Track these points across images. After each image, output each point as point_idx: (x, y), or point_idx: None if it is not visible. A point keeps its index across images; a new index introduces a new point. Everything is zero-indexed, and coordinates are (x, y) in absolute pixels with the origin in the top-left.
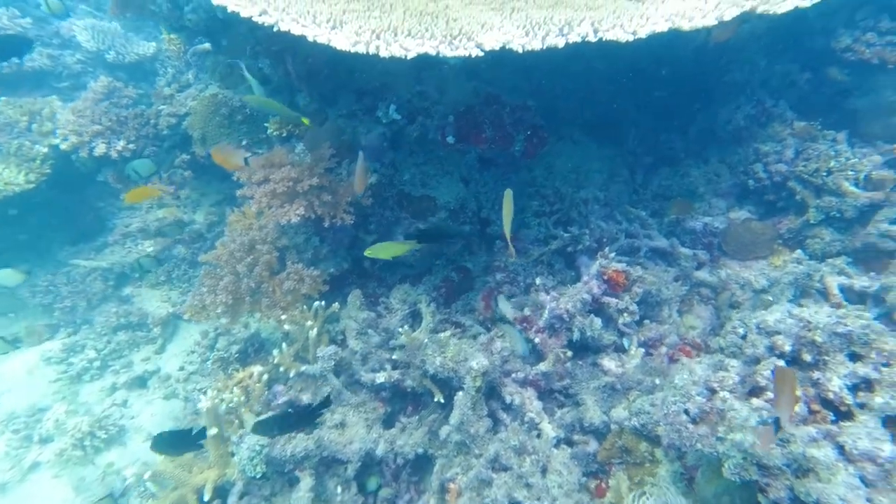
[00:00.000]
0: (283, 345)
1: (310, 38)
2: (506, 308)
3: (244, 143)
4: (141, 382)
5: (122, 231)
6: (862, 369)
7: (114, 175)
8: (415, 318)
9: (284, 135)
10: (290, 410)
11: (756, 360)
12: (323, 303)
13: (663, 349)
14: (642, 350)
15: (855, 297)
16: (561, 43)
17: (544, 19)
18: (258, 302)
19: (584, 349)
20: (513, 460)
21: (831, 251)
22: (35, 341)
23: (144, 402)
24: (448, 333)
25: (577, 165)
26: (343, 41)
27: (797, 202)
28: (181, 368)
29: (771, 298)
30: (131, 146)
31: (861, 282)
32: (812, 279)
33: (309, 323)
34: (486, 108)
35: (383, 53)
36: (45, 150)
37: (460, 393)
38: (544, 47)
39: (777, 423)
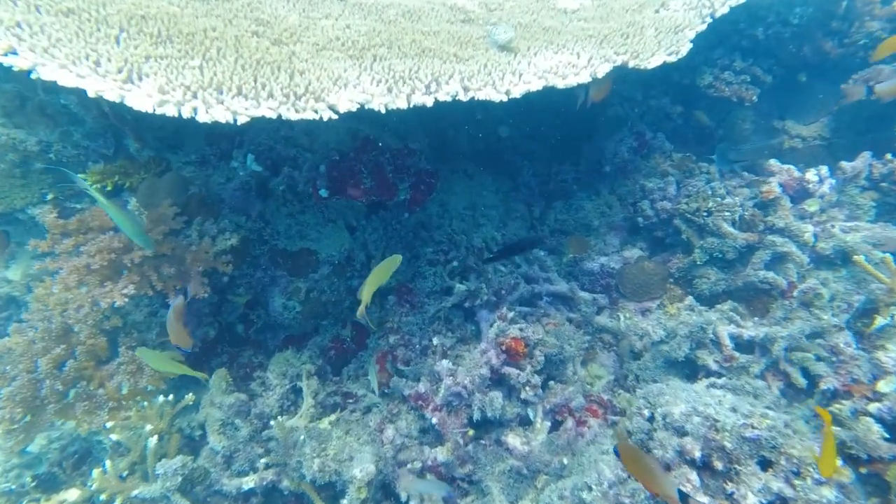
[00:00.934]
0: (107, 462)
1: (91, 93)
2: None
3: (49, 197)
4: None
5: None
6: (775, 484)
7: None
8: (298, 393)
9: (110, 188)
10: None
11: (667, 467)
12: (171, 397)
13: (570, 420)
14: (548, 423)
15: (745, 345)
16: (429, 102)
17: (409, 72)
18: (70, 407)
19: (487, 423)
20: None
21: (717, 290)
22: None
23: None
24: (330, 421)
25: (473, 202)
26: (142, 100)
27: (683, 240)
28: None
29: (668, 350)
30: None
31: (748, 331)
32: (706, 331)
33: (148, 427)
34: (363, 155)
35: (202, 118)
36: None
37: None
38: (410, 106)
39: None
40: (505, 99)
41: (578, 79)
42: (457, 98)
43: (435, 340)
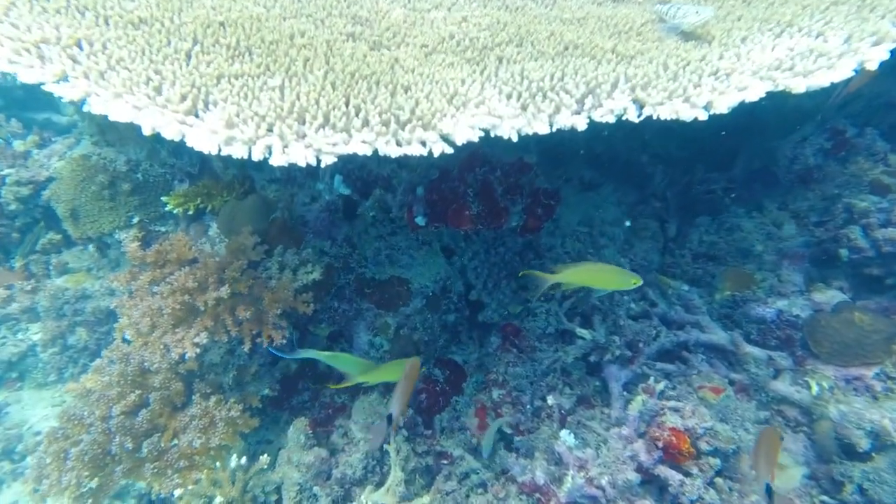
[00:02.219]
0: None
1: (147, 130)
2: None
3: (135, 220)
4: None
5: None
6: None
7: None
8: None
9: (192, 212)
10: None
11: None
12: (244, 460)
13: None
14: None
15: None
16: (582, 124)
17: (551, 81)
18: (140, 466)
19: None
20: None
21: None
22: None
23: None
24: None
25: (590, 216)
26: (204, 139)
27: None
28: None
29: None
30: None
31: None
32: None
33: (218, 500)
34: (467, 173)
35: (277, 161)
36: None
37: None
38: (554, 130)
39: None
40: (703, 117)
41: (833, 76)
42: (625, 118)
43: (550, 400)
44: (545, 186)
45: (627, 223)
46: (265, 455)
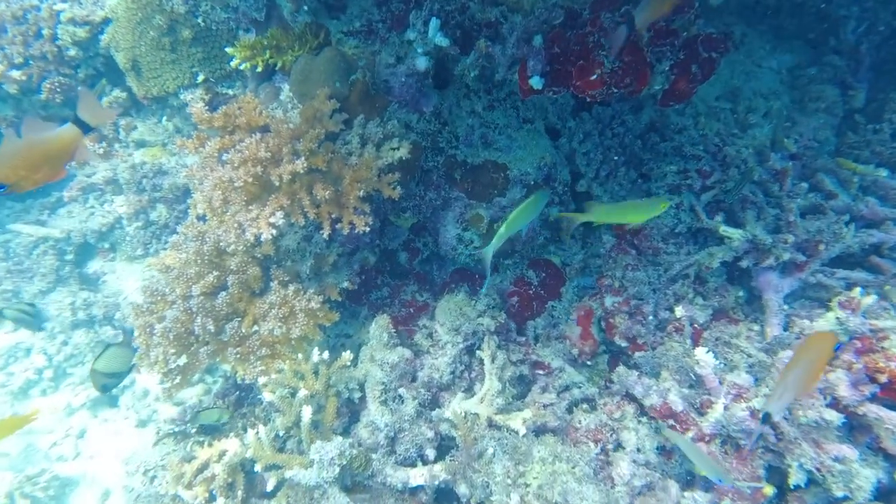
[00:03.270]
0: (261, 428)
1: None
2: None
3: (200, 79)
4: (111, 401)
5: (81, 183)
6: None
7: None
8: (472, 354)
9: (260, 68)
10: None
11: None
12: (326, 354)
13: None
14: None
15: None
16: None
17: None
18: (223, 349)
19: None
20: None
21: None
22: None
23: (110, 433)
24: (524, 420)
25: (735, 86)
26: None
27: None
28: (162, 382)
29: None
30: (17, 76)
31: None
32: None
33: (303, 393)
34: (604, 13)
35: None
36: None
37: None
38: None
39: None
40: None
41: None
42: None
43: (679, 311)
44: (710, 31)
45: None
46: (348, 351)
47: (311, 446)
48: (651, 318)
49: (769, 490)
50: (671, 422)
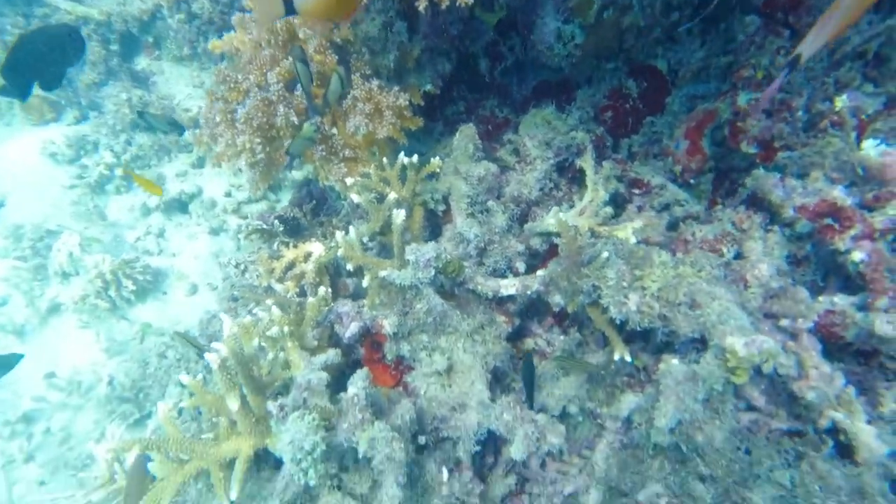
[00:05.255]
0: (351, 228)
1: None
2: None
3: None
4: (181, 207)
5: None
6: None
7: None
8: (562, 172)
9: None
10: None
11: None
12: (415, 158)
13: None
14: None
15: None
16: None
17: None
18: (305, 151)
19: None
20: None
21: None
22: (35, 118)
23: (185, 236)
24: (634, 228)
25: None
26: None
27: None
28: (228, 194)
29: None
30: None
31: None
32: None
33: (392, 195)
34: None
35: None
36: None
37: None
38: None
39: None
40: None
41: None
42: None
43: (840, 101)
44: None
45: None
46: (437, 157)
47: (407, 247)
48: (801, 113)
49: None
50: (827, 220)
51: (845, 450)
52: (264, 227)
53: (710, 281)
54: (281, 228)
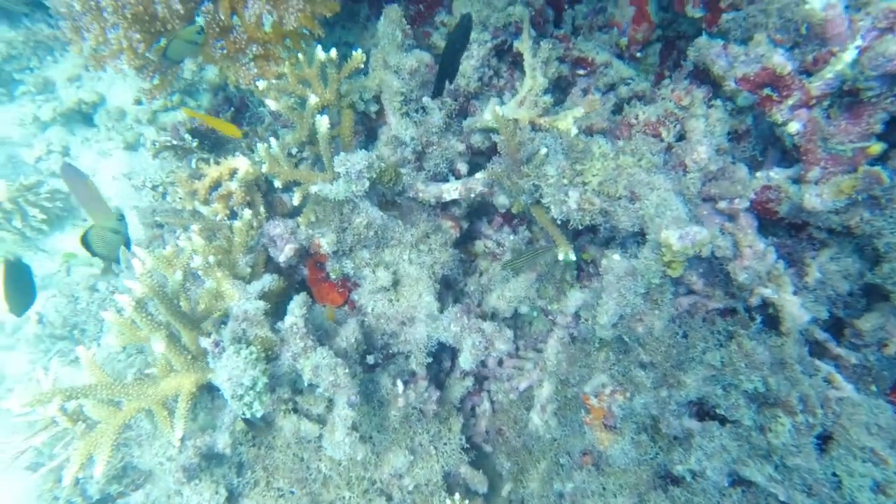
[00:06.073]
0: (272, 140)
1: None
2: None
3: None
4: (84, 119)
5: None
6: None
7: None
8: (501, 57)
9: None
10: None
11: None
12: (334, 53)
13: None
14: None
15: None
16: None
17: None
18: (204, 45)
19: None
20: None
21: None
22: None
23: (97, 153)
24: (575, 117)
25: None
26: None
27: None
28: (138, 101)
29: None
30: None
31: None
32: None
33: (314, 99)
34: None
35: None
36: None
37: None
38: None
39: None
40: None
41: None
42: None
43: None
44: None
45: None
46: (359, 51)
47: (335, 159)
48: None
49: (876, 148)
50: (765, 91)
51: (773, 321)
52: (174, 142)
53: (649, 170)
54: (195, 143)
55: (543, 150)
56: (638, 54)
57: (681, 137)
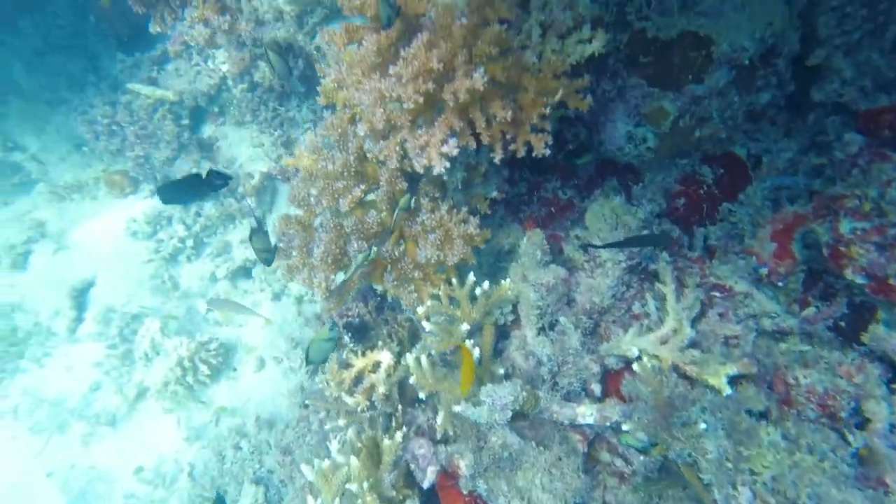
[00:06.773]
0: (423, 358)
1: None
2: None
3: None
4: (245, 273)
5: (183, 36)
6: None
7: None
8: (632, 273)
9: None
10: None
11: None
12: (486, 285)
13: None
14: None
15: None
16: None
17: None
18: (376, 269)
19: None
20: None
21: None
22: (118, 193)
23: (250, 304)
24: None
25: None
26: None
27: None
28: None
29: None
30: None
31: None
32: None
33: (464, 327)
34: None
35: None
36: None
37: None
38: None
39: None
40: None
41: None
42: None
43: None
44: None
45: None
46: (507, 280)
47: (483, 388)
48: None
49: None
50: None
51: None
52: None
53: (836, 480)
54: (349, 336)
55: (702, 426)
56: (779, 283)
57: (855, 413)
